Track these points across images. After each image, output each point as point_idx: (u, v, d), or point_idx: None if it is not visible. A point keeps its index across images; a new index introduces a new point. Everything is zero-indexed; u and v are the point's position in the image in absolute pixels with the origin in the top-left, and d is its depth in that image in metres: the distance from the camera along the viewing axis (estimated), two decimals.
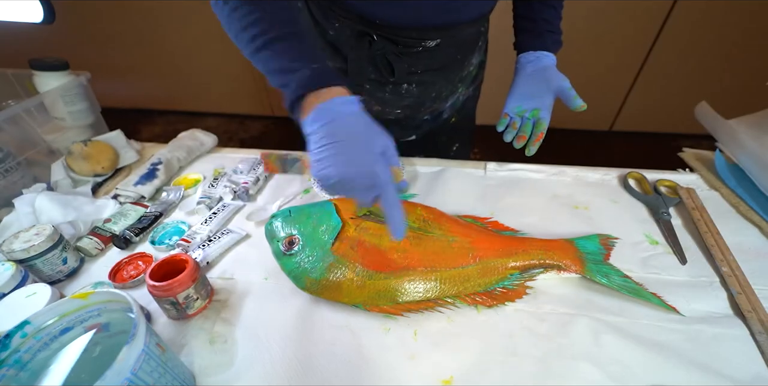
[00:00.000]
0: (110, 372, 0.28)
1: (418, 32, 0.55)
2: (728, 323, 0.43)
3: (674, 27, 1.65)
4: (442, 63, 0.62)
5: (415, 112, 0.71)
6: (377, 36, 0.56)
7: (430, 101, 0.69)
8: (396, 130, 0.75)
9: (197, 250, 0.54)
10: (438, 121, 0.76)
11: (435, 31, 0.56)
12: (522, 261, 0.48)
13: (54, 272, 0.51)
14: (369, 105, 0.68)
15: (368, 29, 0.55)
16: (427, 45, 0.57)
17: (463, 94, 0.75)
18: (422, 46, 0.58)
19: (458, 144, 0.83)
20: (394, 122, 0.73)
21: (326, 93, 0.37)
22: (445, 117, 0.76)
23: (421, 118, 0.74)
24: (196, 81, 2.14)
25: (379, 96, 0.65)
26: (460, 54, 0.63)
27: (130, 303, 0.33)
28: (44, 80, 0.70)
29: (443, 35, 0.57)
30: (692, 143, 0.82)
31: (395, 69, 0.59)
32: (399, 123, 0.73)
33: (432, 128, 0.77)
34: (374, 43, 0.57)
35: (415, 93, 0.65)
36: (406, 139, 0.78)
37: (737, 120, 0.63)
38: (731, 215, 0.58)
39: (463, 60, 0.65)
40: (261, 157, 0.64)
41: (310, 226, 0.48)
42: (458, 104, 0.76)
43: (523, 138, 0.57)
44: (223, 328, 0.45)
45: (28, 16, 0.65)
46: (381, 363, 0.41)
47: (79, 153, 0.68)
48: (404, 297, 0.45)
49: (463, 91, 0.73)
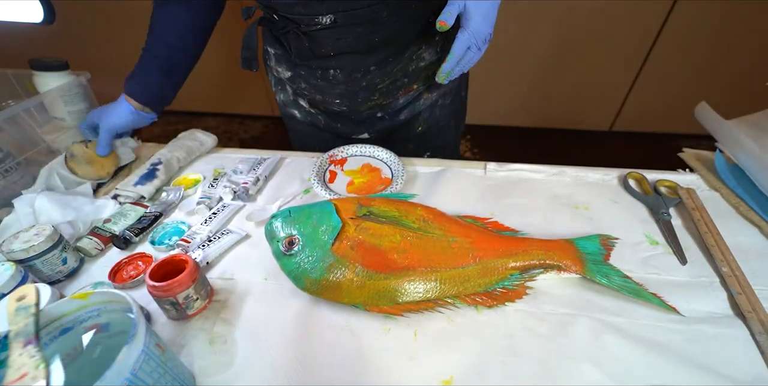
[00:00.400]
0: (110, 373, 0.28)
1: (304, 7, 0.54)
2: (728, 323, 0.43)
3: (674, 27, 1.65)
4: (355, 45, 0.59)
5: (353, 103, 0.69)
6: (277, 15, 0.58)
7: (364, 91, 0.66)
8: (346, 124, 0.75)
9: (197, 250, 0.54)
10: (395, 121, 0.74)
11: (319, 4, 0.54)
12: (522, 261, 0.48)
13: (54, 273, 0.51)
14: (311, 93, 0.70)
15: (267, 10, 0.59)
16: (321, 21, 0.56)
17: (426, 99, 0.73)
18: (318, 24, 0.56)
19: (429, 153, 0.81)
20: (341, 114, 0.74)
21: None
22: (403, 119, 0.74)
23: (368, 113, 0.72)
24: (196, 81, 2.13)
25: (314, 83, 0.67)
26: (378, 37, 0.59)
27: (130, 304, 0.33)
28: (44, 80, 0.70)
29: (333, 10, 0.54)
30: (692, 143, 0.82)
31: (292, 47, 0.63)
32: (347, 117, 0.74)
33: (390, 130, 0.76)
34: (276, 22, 0.60)
35: (342, 79, 0.64)
36: (358, 136, 0.77)
37: (737, 120, 0.63)
38: (731, 216, 0.58)
39: (396, 47, 0.62)
40: None
41: (310, 226, 0.48)
42: (420, 108, 0.73)
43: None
44: (223, 328, 0.45)
45: (28, 16, 0.65)
46: (381, 363, 0.41)
47: (81, 156, 0.68)
48: (404, 297, 0.45)
49: (423, 91, 0.72)
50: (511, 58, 1.79)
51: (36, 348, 0.31)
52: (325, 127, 0.78)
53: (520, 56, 1.81)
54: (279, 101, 0.81)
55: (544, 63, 1.83)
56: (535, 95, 1.96)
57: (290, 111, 0.80)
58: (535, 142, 2.07)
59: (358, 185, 0.66)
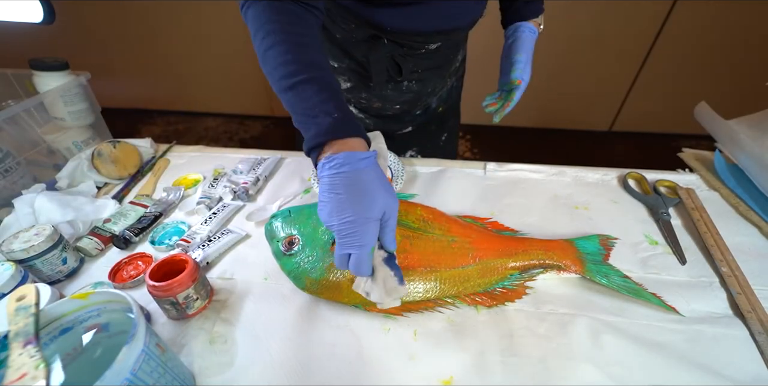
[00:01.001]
0: (110, 373, 0.28)
1: (423, 37, 0.62)
2: (728, 323, 0.43)
3: (674, 27, 1.65)
4: (438, 63, 0.69)
5: (412, 107, 0.75)
6: (387, 40, 0.61)
7: (426, 96, 0.74)
8: (392, 124, 0.79)
9: (197, 250, 0.54)
10: (429, 112, 0.81)
11: (437, 36, 0.62)
12: (522, 261, 0.48)
13: (54, 273, 0.51)
14: (370, 102, 0.73)
15: (379, 33, 0.60)
16: (429, 48, 0.64)
17: (449, 85, 0.81)
18: (425, 49, 0.64)
19: (446, 134, 0.87)
20: (392, 117, 0.77)
21: (347, 143, 0.38)
22: (434, 107, 0.82)
23: (415, 112, 0.79)
24: (196, 81, 2.14)
25: (382, 93, 0.71)
26: (452, 54, 0.70)
27: (130, 303, 0.33)
28: (44, 80, 0.70)
29: (443, 39, 0.64)
30: (692, 143, 0.82)
31: (402, 69, 0.65)
32: (396, 118, 0.78)
33: (423, 119, 0.82)
34: (384, 46, 0.62)
35: (415, 89, 0.71)
36: (401, 131, 0.81)
37: (737, 120, 0.63)
38: (731, 216, 0.58)
39: (454, 59, 0.73)
40: None
41: (310, 226, 0.48)
42: (444, 95, 0.81)
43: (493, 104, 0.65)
44: (223, 328, 0.45)
45: (28, 16, 0.65)
46: (381, 363, 0.41)
47: (107, 156, 0.69)
48: (404, 297, 0.45)
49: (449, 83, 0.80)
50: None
51: (36, 348, 0.31)
52: (373, 128, 0.80)
53: None
54: None
55: (544, 63, 1.83)
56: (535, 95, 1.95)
57: None
58: (535, 142, 2.07)
59: None
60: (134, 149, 0.74)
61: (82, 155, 0.71)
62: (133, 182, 0.71)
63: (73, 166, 0.69)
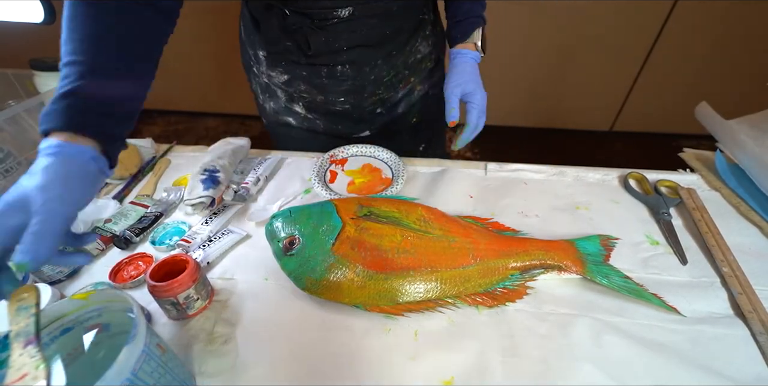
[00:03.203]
0: (110, 373, 0.28)
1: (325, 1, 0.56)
2: (729, 323, 0.43)
3: (674, 27, 1.65)
4: (367, 38, 0.62)
5: (359, 99, 0.70)
6: (289, 11, 0.57)
7: (371, 85, 0.68)
8: (347, 124, 0.75)
9: (197, 250, 0.54)
10: (393, 115, 0.75)
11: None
12: (522, 262, 0.48)
13: (54, 273, 0.51)
14: (312, 95, 0.69)
15: (278, 3, 0.57)
16: (340, 14, 0.57)
17: (419, 90, 0.75)
18: (336, 17, 0.57)
19: (424, 144, 0.83)
20: (343, 114, 0.73)
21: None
22: (401, 112, 0.75)
23: (370, 109, 0.73)
24: (196, 81, 2.14)
25: (318, 82, 0.66)
26: (388, 29, 0.63)
27: (131, 304, 0.33)
28: (44, 80, 0.70)
29: (354, 2, 0.57)
30: (693, 143, 0.82)
31: (311, 42, 0.60)
32: (348, 116, 0.73)
33: (388, 124, 0.76)
34: (287, 18, 0.58)
35: (351, 74, 0.65)
36: (358, 134, 0.77)
37: (737, 120, 0.63)
38: (732, 216, 0.58)
39: (400, 40, 0.66)
40: None
41: (311, 226, 0.48)
42: (415, 100, 0.75)
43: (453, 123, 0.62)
44: (223, 328, 0.45)
45: (29, 16, 0.65)
46: (381, 363, 0.41)
47: None
48: (405, 297, 0.45)
49: (417, 83, 0.73)
50: (511, 58, 1.78)
51: (36, 348, 0.31)
52: (325, 130, 0.77)
53: (521, 57, 1.81)
54: (269, 109, 0.78)
55: (545, 63, 1.83)
56: (536, 95, 1.96)
57: (283, 119, 0.78)
58: (535, 142, 2.07)
59: (358, 185, 0.66)
60: (135, 149, 0.74)
61: None
62: (133, 182, 0.71)
63: None
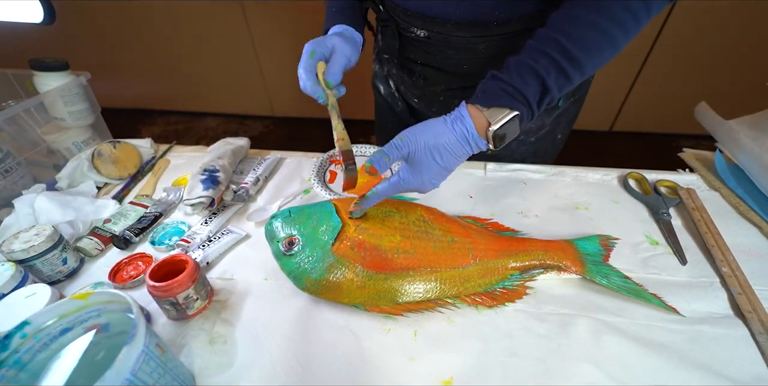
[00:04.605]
0: (110, 373, 0.28)
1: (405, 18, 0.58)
2: (728, 323, 0.43)
3: (674, 27, 1.65)
4: (443, 65, 0.61)
5: (428, 108, 0.72)
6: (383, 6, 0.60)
7: (438, 105, 0.69)
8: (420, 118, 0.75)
9: (197, 250, 0.54)
10: None
11: (419, 20, 0.56)
12: (522, 262, 0.48)
13: (54, 273, 0.51)
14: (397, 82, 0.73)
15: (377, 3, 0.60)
16: (417, 34, 0.59)
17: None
18: (413, 34, 0.59)
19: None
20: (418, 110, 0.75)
21: None
22: None
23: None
24: (196, 81, 2.14)
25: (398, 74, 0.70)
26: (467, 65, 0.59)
27: (130, 304, 0.33)
28: (44, 80, 0.70)
29: (430, 28, 0.56)
30: (692, 143, 0.82)
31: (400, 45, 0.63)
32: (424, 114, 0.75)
33: None
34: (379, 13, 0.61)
35: (421, 85, 0.67)
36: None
37: (737, 120, 0.63)
38: (731, 216, 0.58)
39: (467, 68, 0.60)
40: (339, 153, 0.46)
41: (310, 226, 0.48)
42: None
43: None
44: (223, 328, 0.45)
45: (28, 16, 0.65)
46: (381, 363, 0.41)
47: (108, 156, 0.69)
48: (404, 297, 0.45)
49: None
50: None
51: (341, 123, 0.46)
52: (401, 113, 0.78)
53: None
54: (373, 70, 0.81)
55: None
56: None
57: (376, 83, 0.81)
58: None
59: (358, 185, 0.66)
60: (134, 149, 0.74)
61: (82, 155, 0.71)
62: (133, 182, 0.71)
63: (73, 166, 0.69)
